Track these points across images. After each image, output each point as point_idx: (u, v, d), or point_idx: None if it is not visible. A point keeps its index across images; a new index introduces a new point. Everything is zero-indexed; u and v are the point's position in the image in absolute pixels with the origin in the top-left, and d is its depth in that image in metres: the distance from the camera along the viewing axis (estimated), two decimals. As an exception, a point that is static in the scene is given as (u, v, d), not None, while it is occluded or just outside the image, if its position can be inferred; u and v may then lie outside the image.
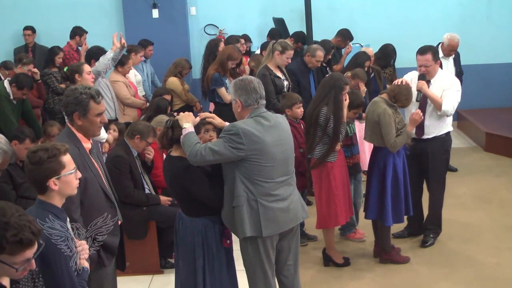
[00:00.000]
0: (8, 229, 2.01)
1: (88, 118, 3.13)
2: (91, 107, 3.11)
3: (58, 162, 2.56)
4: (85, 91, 3.12)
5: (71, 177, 2.60)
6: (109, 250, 3.26)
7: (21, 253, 2.04)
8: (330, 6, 9.27)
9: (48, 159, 2.54)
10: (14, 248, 2.02)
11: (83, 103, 3.09)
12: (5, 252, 2.02)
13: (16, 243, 2.01)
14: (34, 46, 8.61)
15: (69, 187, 2.61)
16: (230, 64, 6.05)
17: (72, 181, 2.61)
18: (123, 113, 6.41)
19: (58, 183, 2.56)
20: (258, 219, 3.35)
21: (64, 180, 2.57)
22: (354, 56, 6.61)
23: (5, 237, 2.00)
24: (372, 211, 4.74)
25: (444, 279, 4.59)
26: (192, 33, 9.33)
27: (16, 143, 4.89)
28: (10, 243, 2.00)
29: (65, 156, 2.59)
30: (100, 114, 3.17)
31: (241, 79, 3.50)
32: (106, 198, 3.24)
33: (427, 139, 4.98)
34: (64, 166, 2.57)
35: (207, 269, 3.49)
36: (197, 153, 3.24)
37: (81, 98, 3.09)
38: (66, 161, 2.59)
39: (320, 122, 4.49)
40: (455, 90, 4.90)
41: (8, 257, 2.03)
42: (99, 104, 3.15)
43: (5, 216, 2.03)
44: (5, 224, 2.01)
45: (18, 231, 2.01)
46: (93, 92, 3.13)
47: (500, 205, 6.07)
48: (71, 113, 3.13)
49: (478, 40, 9.25)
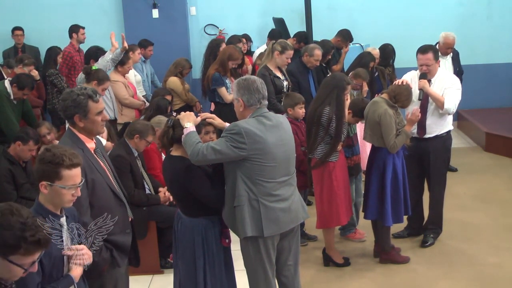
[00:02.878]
0: (26, 229, 2.04)
1: (89, 118, 3.11)
2: (90, 107, 3.09)
3: (56, 171, 2.54)
4: (82, 92, 3.09)
5: (63, 191, 2.56)
6: (122, 249, 3.24)
7: (35, 254, 2.08)
8: (330, 6, 9.27)
9: (49, 162, 2.54)
10: (31, 248, 2.05)
11: (82, 104, 3.07)
12: (19, 253, 2.04)
13: (34, 243, 2.05)
14: (23, 46, 8.63)
15: (58, 198, 2.57)
16: (230, 64, 6.06)
17: (63, 195, 2.57)
18: (121, 113, 6.41)
19: (49, 189, 2.55)
20: (259, 219, 3.35)
21: (54, 189, 2.55)
22: (358, 56, 6.59)
23: (24, 237, 2.03)
24: (372, 211, 4.74)
25: (444, 279, 4.59)
26: (192, 33, 9.33)
27: (20, 144, 4.91)
28: (28, 243, 2.03)
29: (67, 170, 2.56)
30: (100, 112, 3.15)
31: (244, 78, 3.51)
32: (115, 197, 3.22)
33: (428, 138, 4.98)
34: (60, 178, 2.54)
35: (208, 269, 3.50)
36: (199, 152, 3.24)
37: (79, 99, 3.07)
38: (65, 174, 2.55)
39: (322, 122, 4.49)
40: (455, 89, 4.91)
41: (19, 258, 2.05)
42: (98, 103, 3.13)
43: (22, 216, 2.06)
44: (23, 225, 2.04)
45: (35, 231, 2.05)
46: (90, 92, 3.11)
47: (500, 205, 6.07)
48: (71, 116, 3.11)
49: (478, 40, 9.26)
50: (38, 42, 8.77)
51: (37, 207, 2.60)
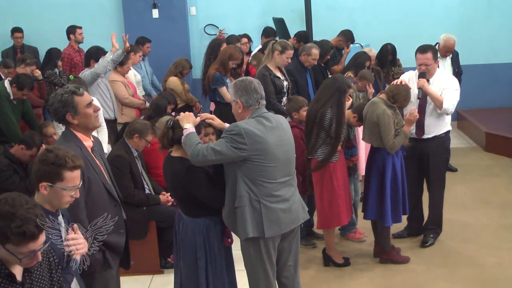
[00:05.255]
0: (13, 220, 2.05)
1: (80, 112, 3.14)
2: (77, 101, 3.13)
3: (58, 173, 2.55)
4: (65, 91, 3.15)
5: (63, 192, 2.57)
6: (115, 250, 3.24)
7: (25, 245, 2.08)
8: (330, 6, 9.26)
9: (51, 164, 2.55)
10: (17, 239, 2.06)
11: (68, 101, 3.11)
12: (10, 242, 2.06)
13: (19, 234, 2.05)
14: (22, 46, 8.64)
15: (57, 199, 2.59)
16: (231, 64, 6.06)
17: (62, 196, 2.58)
18: (121, 113, 6.42)
19: (49, 190, 2.55)
20: (260, 220, 3.35)
21: (55, 190, 2.56)
22: (354, 56, 6.58)
23: (10, 227, 2.04)
24: (372, 212, 4.74)
25: (444, 279, 4.60)
26: (192, 33, 9.33)
27: (23, 148, 4.94)
28: (14, 234, 2.04)
29: (69, 172, 2.57)
30: (89, 104, 3.18)
31: (241, 79, 3.50)
32: (109, 196, 3.23)
33: (427, 139, 4.99)
34: (62, 180, 2.55)
35: (209, 269, 3.49)
36: (199, 153, 3.24)
37: (64, 98, 3.12)
38: (67, 176, 2.56)
39: (324, 125, 4.49)
40: (454, 89, 4.91)
41: (13, 247, 2.07)
42: (83, 96, 3.17)
43: (14, 207, 2.07)
44: (12, 215, 2.05)
45: (22, 223, 2.05)
46: (72, 88, 3.16)
47: (500, 205, 6.07)
48: (63, 117, 3.15)
49: (478, 40, 9.25)
50: (39, 43, 8.75)
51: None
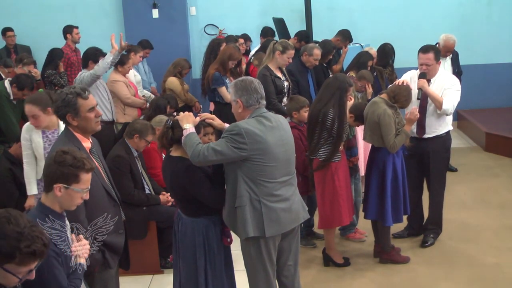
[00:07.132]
0: (22, 240, 2.00)
1: (81, 115, 3.13)
2: (80, 104, 3.12)
3: (76, 175, 2.56)
4: (71, 91, 3.13)
5: (77, 194, 2.59)
6: (114, 250, 3.25)
7: (30, 264, 2.04)
8: (330, 6, 9.27)
9: (69, 166, 2.55)
10: (26, 259, 2.01)
11: (72, 102, 3.10)
12: (14, 262, 2.01)
13: (29, 254, 2.01)
14: (15, 46, 8.63)
15: (70, 201, 2.60)
16: (230, 64, 6.06)
17: (75, 198, 2.60)
18: (123, 113, 6.39)
19: (63, 192, 2.56)
20: (261, 219, 3.35)
21: (69, 192, 2.57)
22: (356, 55, 6.58)
23: (19, 247, 1.99)
24: (372, 212, 4.74)
25: (444, 279, 4.60)
26: (192, 33, 9.33)
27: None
28: (23, 254, 2.00)
29: (86, 174, 2.60)
30: (92, 109, 3.17)
31: (241, 79, 3.50)
32: (108, 197, 3.23)
33: (428, 138, 4.99)
34: (78, 182, 2.57)
35: (209, 269, 3.49)
36: (200, 153, 3.24)
37: (68, 98, 3.10)
38: (83, 178, 2.59)
39: (327, 125, 4.49)
40: (455, 90, 4.91)
41: (14, 267, 2.02)
42: (88, 99, 3.15)
43: (19, 226, 2.02)
44: (19, 235, 2.01)
45: (31, 242, 2.01)
46: (78, 90, 3.14)
47: (500, 205, 6.07)
48: (64, 116, 3.14)
49: (478, 40, 9.26)
50: (39, 43, 8.75)
51: (40, 207, 2.60)
